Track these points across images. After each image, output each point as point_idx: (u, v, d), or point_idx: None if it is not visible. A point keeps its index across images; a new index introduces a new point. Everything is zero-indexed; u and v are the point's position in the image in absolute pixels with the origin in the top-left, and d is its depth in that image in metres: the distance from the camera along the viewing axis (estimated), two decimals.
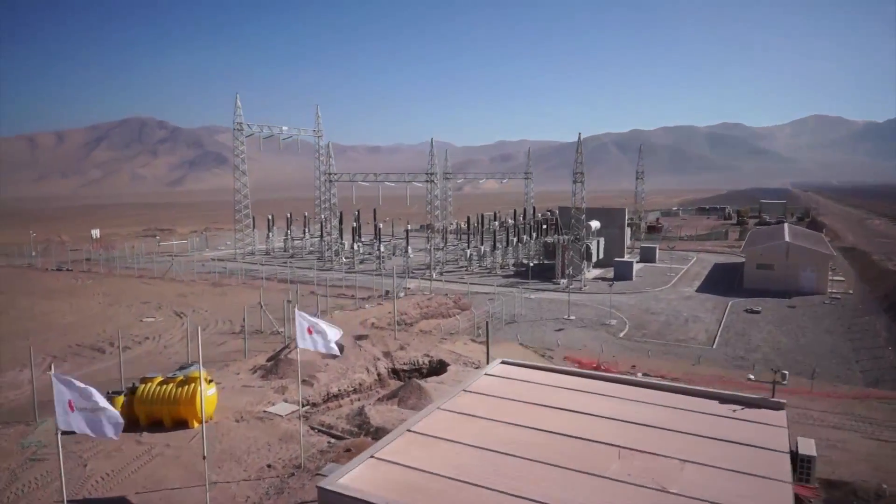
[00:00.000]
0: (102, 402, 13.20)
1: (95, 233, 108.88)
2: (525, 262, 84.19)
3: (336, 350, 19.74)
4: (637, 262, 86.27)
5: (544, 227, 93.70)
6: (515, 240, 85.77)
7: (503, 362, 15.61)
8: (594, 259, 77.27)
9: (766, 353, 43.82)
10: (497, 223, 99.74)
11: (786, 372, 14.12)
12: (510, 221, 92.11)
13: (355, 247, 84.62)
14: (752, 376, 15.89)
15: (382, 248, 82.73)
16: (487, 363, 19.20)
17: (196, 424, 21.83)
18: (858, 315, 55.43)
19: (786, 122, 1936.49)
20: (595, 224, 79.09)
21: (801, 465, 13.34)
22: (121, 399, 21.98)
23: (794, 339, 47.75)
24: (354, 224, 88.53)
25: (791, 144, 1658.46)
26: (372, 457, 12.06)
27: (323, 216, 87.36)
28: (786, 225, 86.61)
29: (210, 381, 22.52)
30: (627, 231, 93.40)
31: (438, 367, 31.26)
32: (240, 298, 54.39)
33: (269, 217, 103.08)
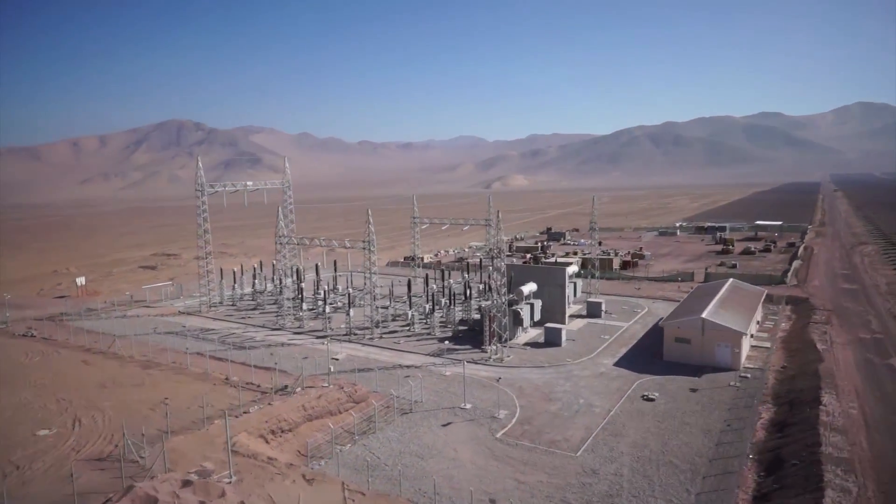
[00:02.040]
0: None
1: (80, 280, 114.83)
2: (467, 319, 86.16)
3: None
4: (581, 319, 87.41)
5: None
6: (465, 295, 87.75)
7: None
8: (527, 323, 78.74)
9: (620, 468, 45.02)
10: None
11: None
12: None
13: (303, 307, 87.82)
14: None
15: (328, 309, 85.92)
16: None
17: None
18: (753, 404, 55.79)
19: (828, 110, 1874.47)
20: (529, 287, 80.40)
21: None
22: None
23: (663, 443, 48.71)
24: (302, 284, 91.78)
25: (833, 133, 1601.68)
26: None
27: (279, 277, 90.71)
28: (729, 281, 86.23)
29: None
30: (578, 283, 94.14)
31: None
32: (156, 392, 58.16)
33: (235, 269, 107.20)
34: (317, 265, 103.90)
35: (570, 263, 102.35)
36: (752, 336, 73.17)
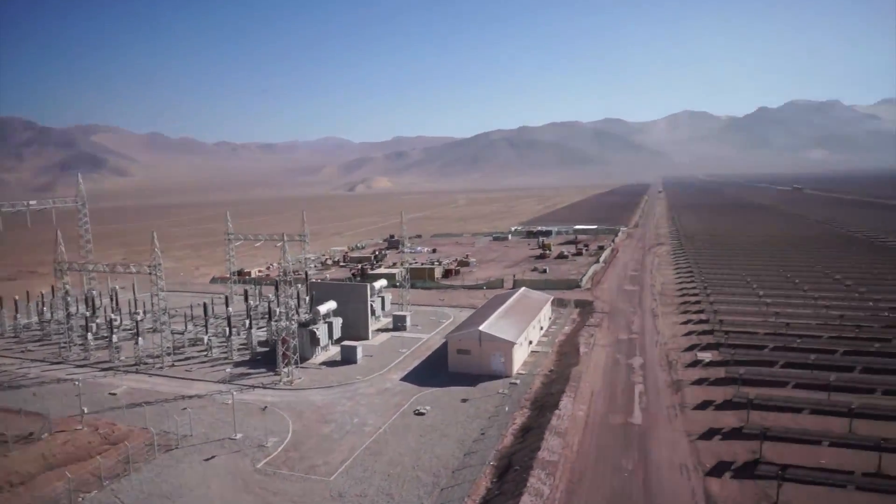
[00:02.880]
0: None
1: None
2: (269, 340, 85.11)
3: None
4: (386, 333, 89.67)
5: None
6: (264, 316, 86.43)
7: None
8: (324, 342, 79.38)
9: (367, 489, 46.68)
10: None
11: None
12: (264, 300, 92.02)
13: (89, 336, 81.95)
14: None
15: (116, 338, 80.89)
16: None
17: None
18: (508, 410, 60.10)
19: (661, 117, 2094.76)
20: (328, 306, 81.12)
21: None
22: None
23: (417, 458, 51.22)
24: (88, 312, 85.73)
25: (665, 139, 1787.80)
26: None
27: (65, 308, 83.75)
28: (521, 290, 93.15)
29: None
30: (387, 296, 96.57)
31: None
32: None
33: (17, 297, 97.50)
34: (113, 289, 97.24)
35: (381, 277, 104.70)
36: (531, 343, 79.36)
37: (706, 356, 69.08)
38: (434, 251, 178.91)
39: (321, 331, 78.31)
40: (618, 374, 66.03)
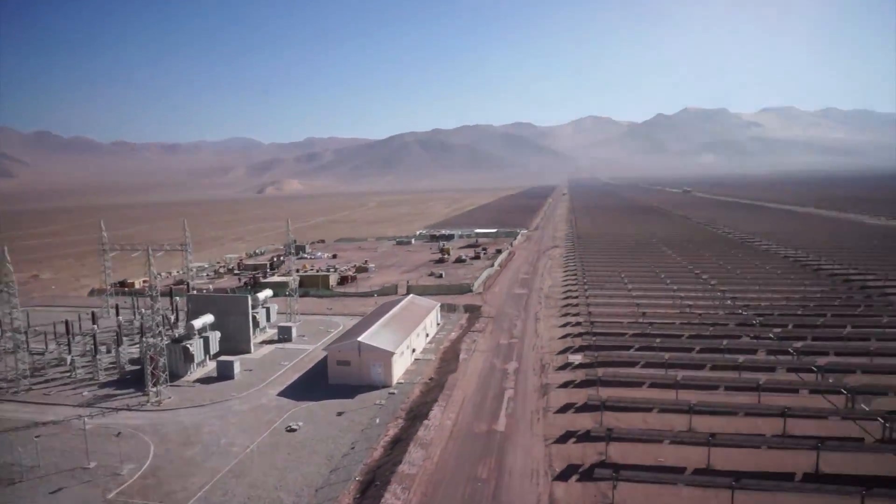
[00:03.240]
0: None
1: None
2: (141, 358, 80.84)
3: None
4: (271, 345, 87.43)
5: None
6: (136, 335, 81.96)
7: None
8: (199, 358, 76.32)
9: None
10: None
11: None
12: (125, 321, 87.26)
13: None
14: None
15: None
16: None
17: None
18: (379, 422, 59.84)
19: (567, 122, 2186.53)
20: (203, 320, 78.12)
21: None
22: None
23: (281, 478, 50.03)
24: None
25: (571, 143, 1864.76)
26: None
27: None
28: (408, 297, 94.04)
29: None
30: (272, 307, 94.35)
31: None
32: None
33: None
34: None
35: (274, 285, 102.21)
36: (414, 351, 79.83)
37: (576, 358, 72.20)
38: (334, 257, 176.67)
39: (195, 346, 75.21)
40: (491, 380, 67.68)
